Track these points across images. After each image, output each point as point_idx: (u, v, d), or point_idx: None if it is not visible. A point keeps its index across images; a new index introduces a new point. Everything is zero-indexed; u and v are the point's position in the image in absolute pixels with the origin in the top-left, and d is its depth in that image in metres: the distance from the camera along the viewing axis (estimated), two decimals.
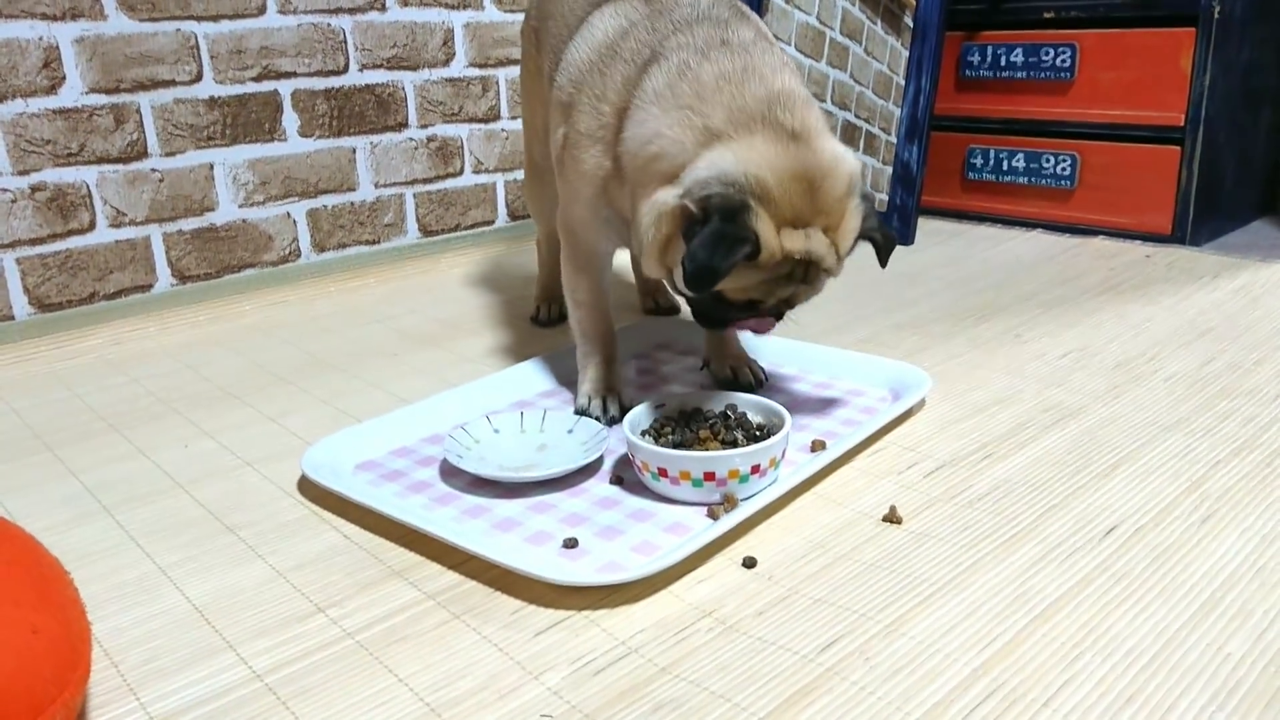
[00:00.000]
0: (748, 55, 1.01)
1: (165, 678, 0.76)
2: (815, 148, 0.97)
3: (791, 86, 1.00)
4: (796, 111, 0.98)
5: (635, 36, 1.08)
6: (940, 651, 0.74)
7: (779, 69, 1.02)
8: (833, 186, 0.97)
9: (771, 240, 0.95)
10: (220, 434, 1.21)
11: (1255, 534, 0.88)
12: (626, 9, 1.12)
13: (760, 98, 0.98)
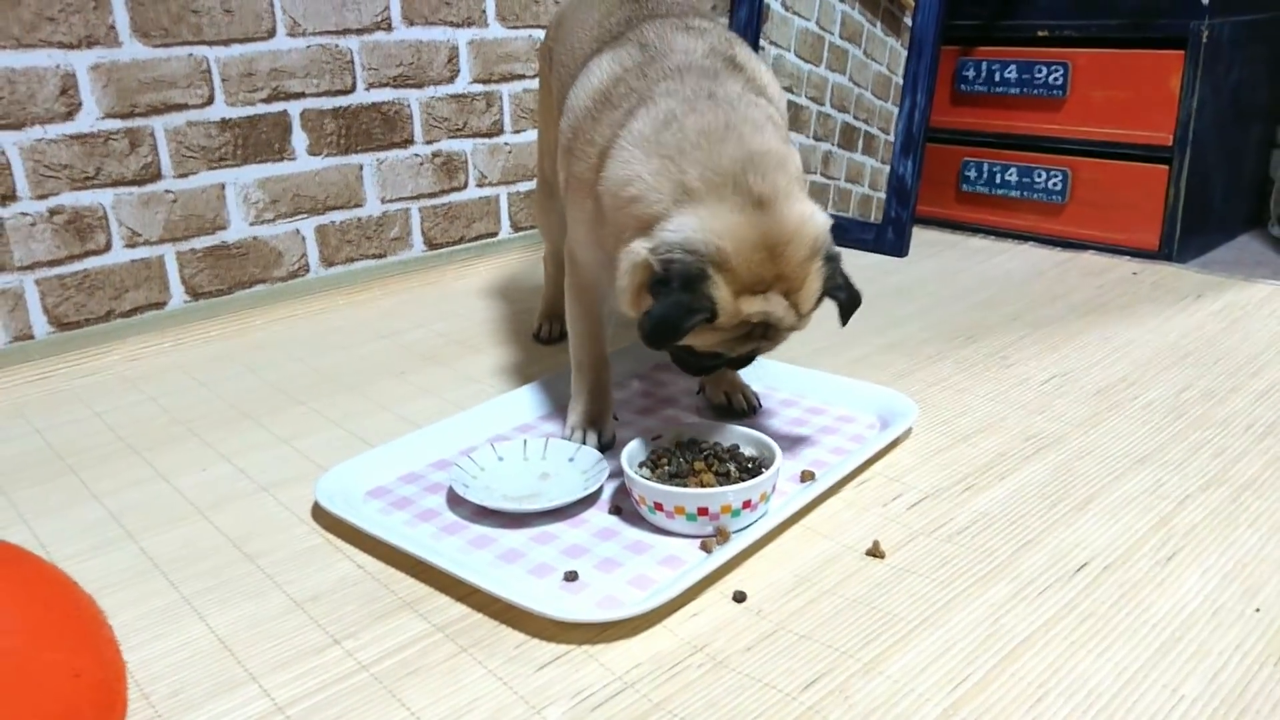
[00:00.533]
0: (731, 111, 1.05)
1: (193, 709, 0.81)
2: (780, 214, 1.00)
3: (768, 146, 1.03)
4: (768, 176, 1.01)
5: (626, 82, 1.12)
6: (914, 691, 0.79)
7: (760, 127, 1.05)
8: (794, 251, 1.00)
9: (728, 305, 0.99)
10: (236, 457, 1.26)
11: (1216, 572, 0.93)
12: (622, 55, 1.16)
13: (735, 159, 1.01)
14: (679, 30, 1.16)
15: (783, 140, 1.07)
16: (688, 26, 1.17)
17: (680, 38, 1.15)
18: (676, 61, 1.12)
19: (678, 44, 1.14)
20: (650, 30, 1.17)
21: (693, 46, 1.14)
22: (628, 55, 1.15)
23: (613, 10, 1.27)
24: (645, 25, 1.18)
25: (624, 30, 1.20)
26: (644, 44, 1.15)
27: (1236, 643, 0.84)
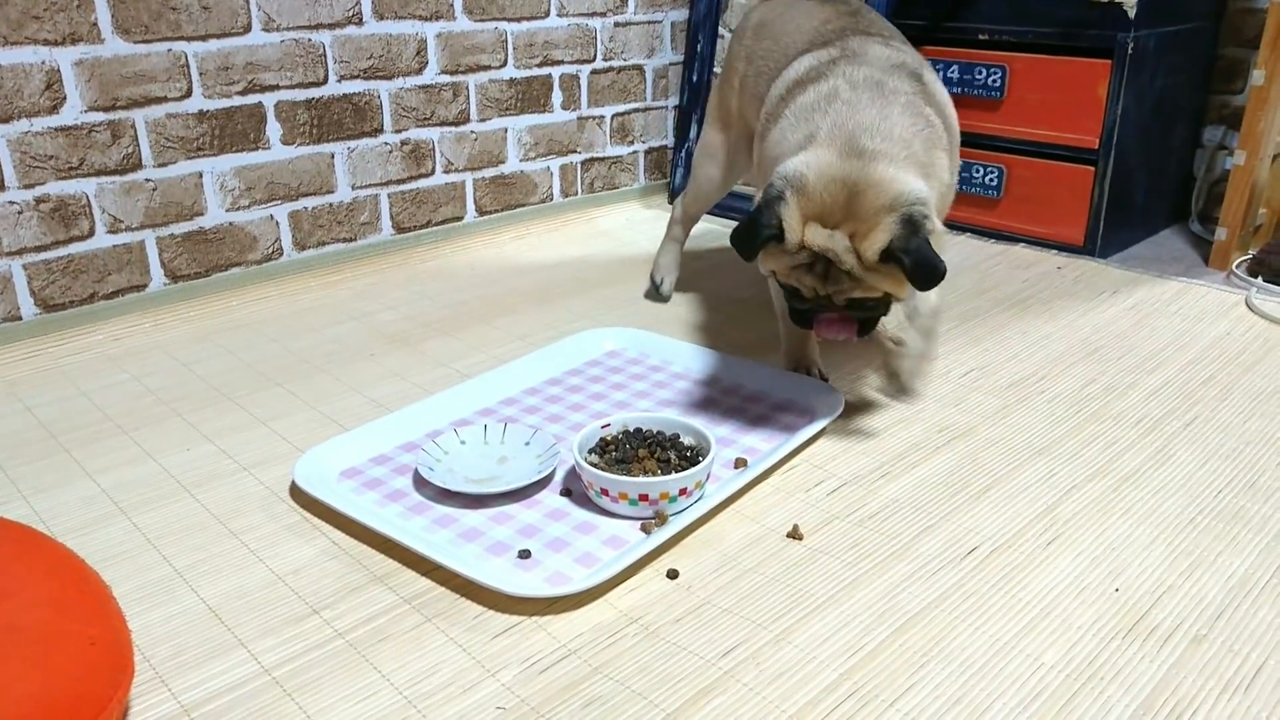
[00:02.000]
0: (887, 98, 1.20)
1: (190, 671, 0.93)
2: (872, 166, 1.13)
3: (901, 125, 1.17)
4: (881, 141, 1.15)
5: (816, 70, 1.28)
6: (816, 659, 0.93)
7: (907, 113, 1.20)
8: (871, 199, 1.12)
9: (795, 227, 1.14)
10: (218, 437, 1.36)
11: (1086, 556, 1.07)
12: (822, 54, 1.32)
13: (862, 124, 1.16)
14: (879, 43, 1.31)
15: (928, 138, 1.19)
16: (888, 42, 1.33)
17: (877, 48, 1.30)
18: (863, 60, 1.26)
19: (872, 52, 1.29)
20: (855, 40, 1.32)
21: (885, 55, 1.28)
22: (827, 54, 1.31)
23: (829, 20, 1.43)
24: (852, 37, 1.33)
25: (834, 38, 1.35)
26: (845, 47, 1.30)
27: (1095, 618, 0.98)
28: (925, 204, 1.13)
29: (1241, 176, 1.95)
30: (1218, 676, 0.90)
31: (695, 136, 2.45)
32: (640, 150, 2.47)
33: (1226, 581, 1.03)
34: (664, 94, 2.47)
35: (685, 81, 2.44)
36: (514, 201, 2.22)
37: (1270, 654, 0.93)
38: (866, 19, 1.44)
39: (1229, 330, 1.67)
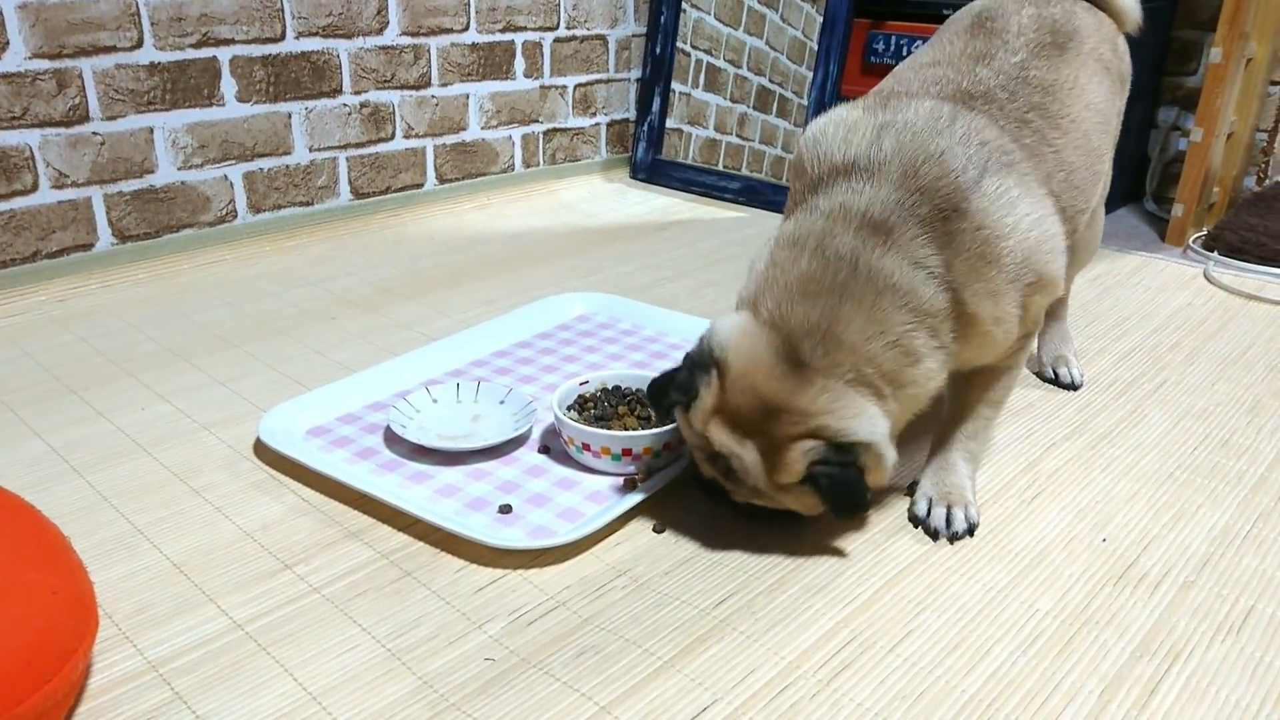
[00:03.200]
0: (864, 279, 0.93)
1: (156, 627, 0.88)
2: (800, 390, 0.92)
3: (858, 331, 0.92)
4: (821, 352, 0.92)
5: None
6: (812, 607, 0.91)
7: (878, 312, 0.92)
8: (788, 427, 0.92)
9: (700, 418, 0.96)
10: (174, 397, 1.30)
11: (1071, 509, 1.07)
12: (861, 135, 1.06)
13: (806, 322, 0.93)
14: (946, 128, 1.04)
15: (905, 346, 0.93)
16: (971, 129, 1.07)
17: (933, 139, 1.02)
18: (883, 174, 0.99)
19: (916, 148, 1.01)
20: (911, 109, 1.05)
21: (927, 165, 1.00)
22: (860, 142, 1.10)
23: (945, 53, 1.18)
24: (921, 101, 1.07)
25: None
26: (890, 122, 1.04)
27: (1084, 567, 0.97)
28: (864, 444, 0.92)
29: (1198, 154, 1.98)
30: (1210, 620, 0.90)
31: (658, 110, 2.42)
32: (602, 123, 2.43)
33: (1209, 532, 1.04)
34: (626, 66, 2.44)
35: (648, 54, 2.41)
36: (475, 170, 2.18)
37: (1258, 597, 0.93)
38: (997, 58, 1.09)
39: (1190, 300, 1.70)
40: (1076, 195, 1.08)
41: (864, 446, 0.92)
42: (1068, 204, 1.06)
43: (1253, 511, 1.07)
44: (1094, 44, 1.14)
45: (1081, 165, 1.08)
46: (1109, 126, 1.17)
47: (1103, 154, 1.15)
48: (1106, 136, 1.16)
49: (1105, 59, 1.16)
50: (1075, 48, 1.12)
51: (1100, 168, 1.15)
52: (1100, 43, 1.16)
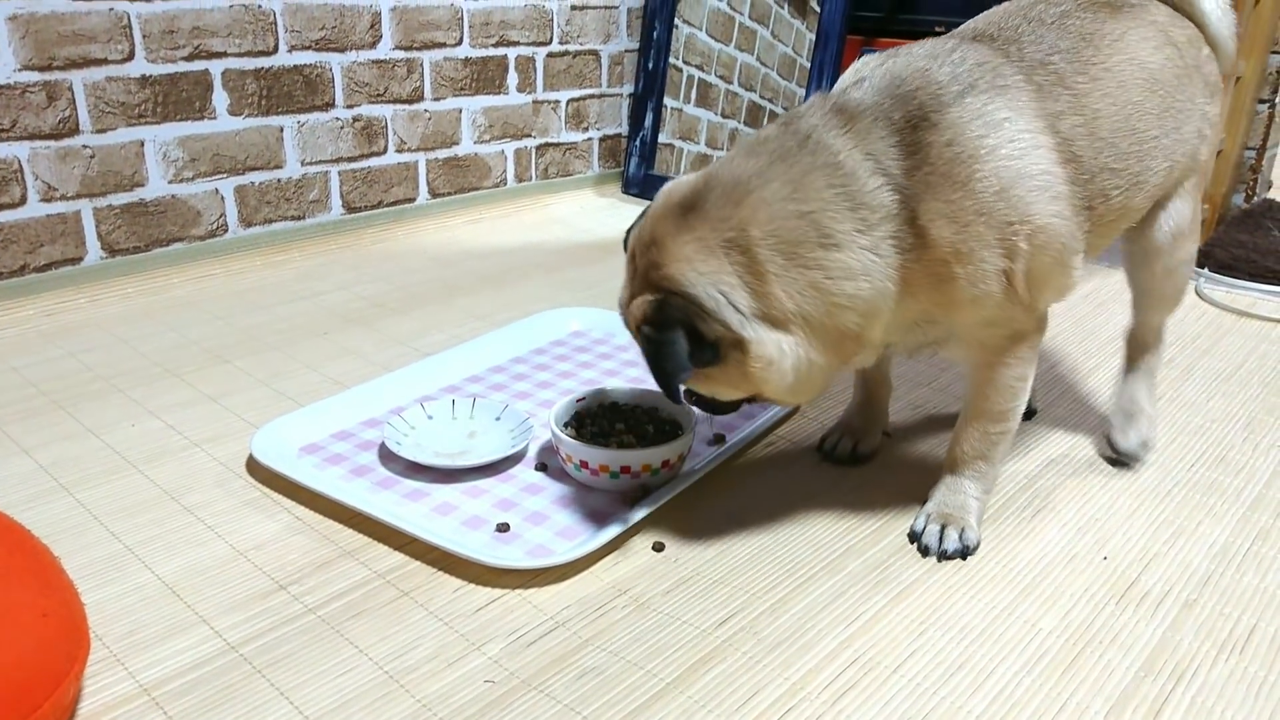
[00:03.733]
0: (792, 158, 0.91)
1: (148, 649, 0.86)
2: (677, 235, 0.90)
3: (756, 200, 0.89)
4: (715, 208, 0.90)
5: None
6: (814, 627, 0.90)
7: (789, 186, 0.89)
8: (643, 264, 0.93)
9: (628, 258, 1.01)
10: (164, 413, 1.28)
11: (1072, 526, 1.07)
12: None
13: (724, 182, 0.92)
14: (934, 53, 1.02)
15: (803, 226, 0.87)
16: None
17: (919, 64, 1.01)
18: (851, 98, 0.97)
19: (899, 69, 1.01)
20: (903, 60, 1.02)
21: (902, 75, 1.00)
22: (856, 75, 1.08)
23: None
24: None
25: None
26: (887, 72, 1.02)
27: (1086, 585, 0.97)
28: (712, 297, 0.88)
29: None
30: (1213, 639, 0.89)
31: (650, 125, 2.42)
32: (595, 137, 2.43)
33: (1209, 549, 1.03)
34: (619, 81, 2.44)
35: (640, 69, 2.41)
36: (467, 184, 2.17)
37: (1261, 616, 0.93)
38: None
39: (1183, 316, 1.70)
40: (1102, 150, 0.95)
41: (701, 311, 0.87)
42: (1087, 157, 0.95)
43: (1252, 529, 1.07)
44: (1163, 21, 1.05)
45: (1112, 116, 0.97)
46: (1168, 98, 1.02)
47: (1152, 121, 1.00)
48: (1160, 103, 1.01)
49: (1174, 38, 1.04)
50: (1133, 13, 1.04)
51: (1149, 135, 1.00)
52: (1172, 25, 1.06)
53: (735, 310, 0.88)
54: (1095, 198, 0.96)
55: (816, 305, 0.89)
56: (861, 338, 0.93)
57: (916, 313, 0.94)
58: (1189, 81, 1.05)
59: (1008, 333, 0.98)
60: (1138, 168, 1.00)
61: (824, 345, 0.91)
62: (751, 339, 0.88)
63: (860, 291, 0.89)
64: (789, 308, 0.88)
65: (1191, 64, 1.06)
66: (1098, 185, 0.96)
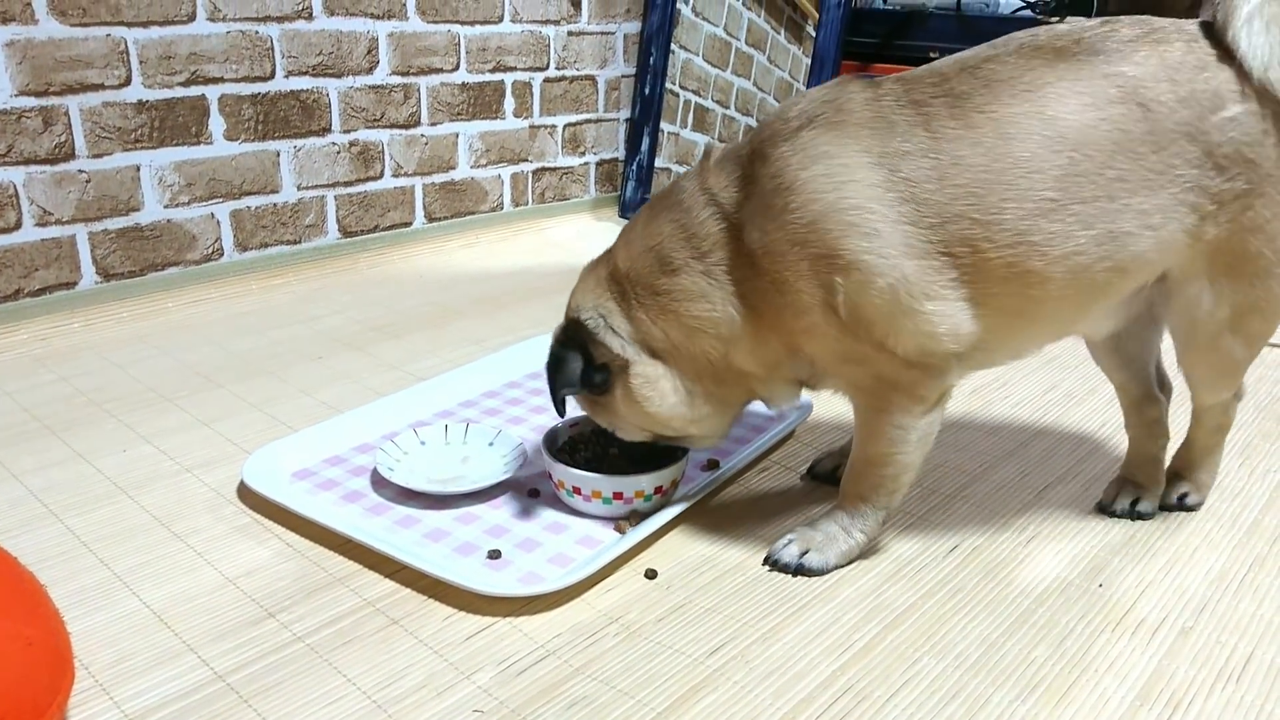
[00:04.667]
0: (656, 204, 1.06)
1: (135, 678, 0.85)
2: (586, 268, 1.09)
3: (632, 236, 1.05)
4: (616, 242, 1.08)
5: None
6: (806, 656, 0.89)
7: (650, 225, 1.03)
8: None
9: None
10: (156, 439, 1.28)
11: (1066, 555, 1.06)
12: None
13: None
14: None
15: (652, 260, 1.00)
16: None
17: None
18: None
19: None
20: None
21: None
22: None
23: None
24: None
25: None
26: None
27: (1081, 613, 0.96)
28: (594, 319, 1.02)
29: None
30: (1209, 667, 0.89)
31: (647, 149, 2.43)
32: (591, 162, 2.44)
33: (1206, 575, 1.03)
34: (616, 106, 2.45)
35: (637, 94, 2.42)
36: (464, 209, 2.17)
37: (1257, 644, 0.92)
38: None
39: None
40: (958, 197, 0.89)
41: (590, 334, 1.02)
42: (935, 202, 0.89)
43: (1248, 555, 1.06)
44: (1132, 75, 0.89)
45: (977, 166, 0.89)
46: (1094, 162, 0.89)
47: (1048, 182, 0.89)
48: (1066, 165, 0.89)
49: (1146, 96, 0.89)
50: (1081, 64, 0.90)
51: (1042, 195, 0.89)
52: (1151, 81, 0.89)
53: (614, 333, 1.02)
54: (955, 245, 0.90)
55: (676, 330, 1.00)
56: (732, 367, 1.01)
57: (778, 344, 0.98)
58: (1161, 148, 0.90)
59: (874, 374, 0.96)
60: (1026, 227, 0.89)
61: (697, 373, 1.02)
62: (632, 359, 1.02)
63: (705, 314, 0.98)
64: (656, 333, 1.01)
65: (1175, 128, 0.89)
66: (954, 233, 0.89)
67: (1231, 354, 1.02)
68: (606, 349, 1.02)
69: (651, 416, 1.04)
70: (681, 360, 1.01)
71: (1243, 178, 0.91)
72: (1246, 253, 0.94)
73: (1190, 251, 0.94)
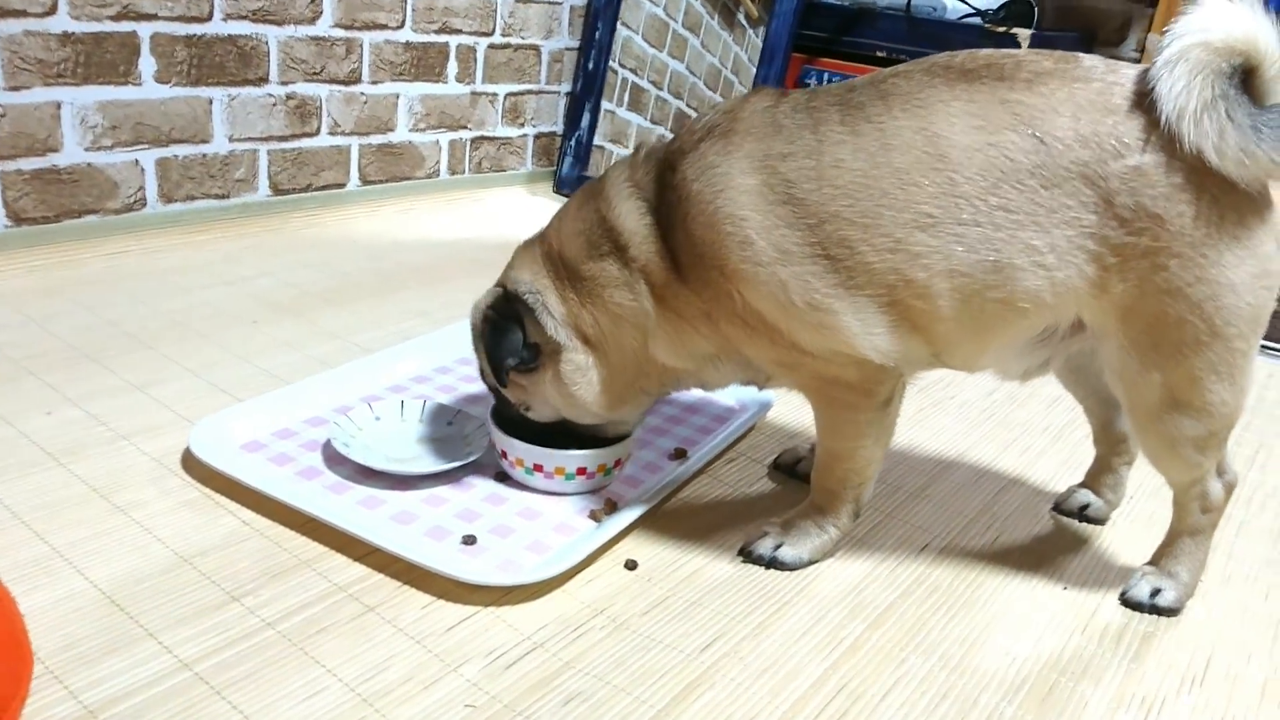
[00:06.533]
0: (586, 191, 1.07)
1: (88, 665, 0.78)
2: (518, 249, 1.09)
3: (560, 222, 1.06)
4: (546, 227, 1.09)
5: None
6: (797, 654, 0.89)
7: (577, 212, 1.04)
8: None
9: None
10: (84, 402, 1.18)
11: (1032, 554, 1.09)
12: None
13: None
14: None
15: (579, 244, 1.02)
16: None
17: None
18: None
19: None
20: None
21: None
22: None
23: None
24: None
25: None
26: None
27: (1050, 616, 0.98)
28: (533, 297, 1.02)
29: None
30: (1174, 671, 0.92)
31: (587, 126, 2.39)
32: (530, 134, 2.38)
33: None
34: (558, 79, 2.40)
35: (580, 68, 2.38)
36: (400, 173, 2.09)
37: (1215, 647, 0.96)
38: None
39: None
40: (836, 197, 0.89)
41: (525, 308, 1.02)
42: (813, 201, 0.89)
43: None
44: (1035, 106, 0.86)
45: (857, 170, 0.88)
46: (974, 186, 0.86)
47: (923, 196, 0.87)
48: (944, 184, 0.87)
49: (1044, 131, 0.85)
50: (980, 88, 0.88)
51: (920, 209, 0.87)
52: (1053, 114, 0.85)
53: (550, 315, 1.02)
54: (834, 246, 0.89)
55: (604, 316, 1.01)
56: (652, 359, 1.02)
57: (709, 339, 0.99)
58: (1053, 185, 0.85)
59: (813, 374, 0.97)
60: (903, 236, 0.88)
61: (623, 363, 1.03)
62: (565, 344, 1.02)
63: (628, 303, 1.00)
64: (586, 318, 1.02)
65: (1070, 166, 0.85)
66: (830, 233, 0.89)
67: (1179, 429, 0.92)
68: (541, 330, 1.02)
69: (575, 403, 1.04)
70: (609, 348, 1.02)
71: (1148, 234, 0.85)
72: (1167, 319, 0.87)
73: (1097, 304, 0.89)
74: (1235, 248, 0.84)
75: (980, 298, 0.89)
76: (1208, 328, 0.86)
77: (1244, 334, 0.87)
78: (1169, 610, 1.00)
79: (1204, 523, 1.00)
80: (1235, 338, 0.86)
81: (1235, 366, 0.88)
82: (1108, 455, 1.17)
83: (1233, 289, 0.85)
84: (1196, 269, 0.85)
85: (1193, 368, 0.88)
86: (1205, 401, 0.90)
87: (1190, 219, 0.84)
